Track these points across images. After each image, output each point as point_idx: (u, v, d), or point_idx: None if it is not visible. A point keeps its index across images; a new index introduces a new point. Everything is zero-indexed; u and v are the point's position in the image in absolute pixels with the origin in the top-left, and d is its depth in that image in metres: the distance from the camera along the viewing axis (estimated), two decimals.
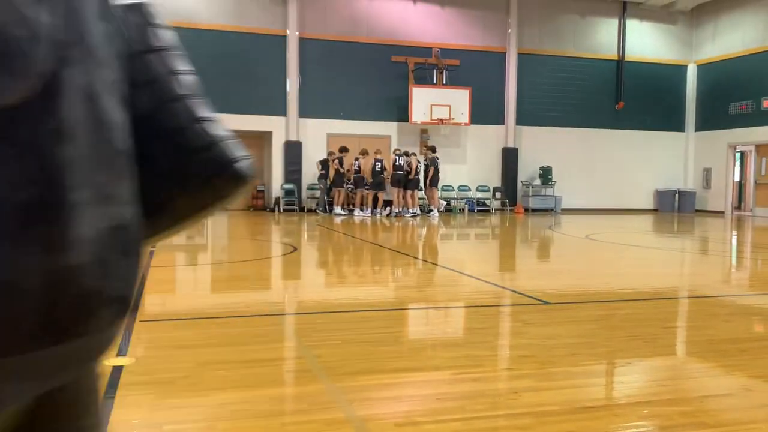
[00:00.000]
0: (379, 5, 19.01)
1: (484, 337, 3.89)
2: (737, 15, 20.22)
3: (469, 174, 19.97)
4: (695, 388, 2.97)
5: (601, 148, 21.11)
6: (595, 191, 21.06)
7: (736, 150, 21.13)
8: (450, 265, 7.49)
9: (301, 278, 6.54)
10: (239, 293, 5.46)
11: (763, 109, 19.35)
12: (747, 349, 3.65)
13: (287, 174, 18.45)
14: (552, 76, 20.54)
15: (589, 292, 5.52)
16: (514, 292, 5.61)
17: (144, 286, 5.51)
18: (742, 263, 8.54)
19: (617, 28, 21.08)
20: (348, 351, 3.44)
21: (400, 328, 4.28)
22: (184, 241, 10.42)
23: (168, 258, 7.88)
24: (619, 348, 3.63)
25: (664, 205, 21.49)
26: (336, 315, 4.49)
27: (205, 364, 3.16)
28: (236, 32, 17.94)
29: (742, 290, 6.04)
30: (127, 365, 3.10)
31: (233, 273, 6.75)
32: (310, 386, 2.90)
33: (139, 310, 4.45)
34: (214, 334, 3.85)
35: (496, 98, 20.03)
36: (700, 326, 4.31)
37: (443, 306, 4.98)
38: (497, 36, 20.01)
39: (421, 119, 18.77)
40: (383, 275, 6.74)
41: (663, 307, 4.98)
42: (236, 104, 18.04)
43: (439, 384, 2.96)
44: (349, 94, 18.80)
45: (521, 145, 20.38)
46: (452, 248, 10.01)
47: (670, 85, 21.78)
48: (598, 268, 7.38)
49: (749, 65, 19.78)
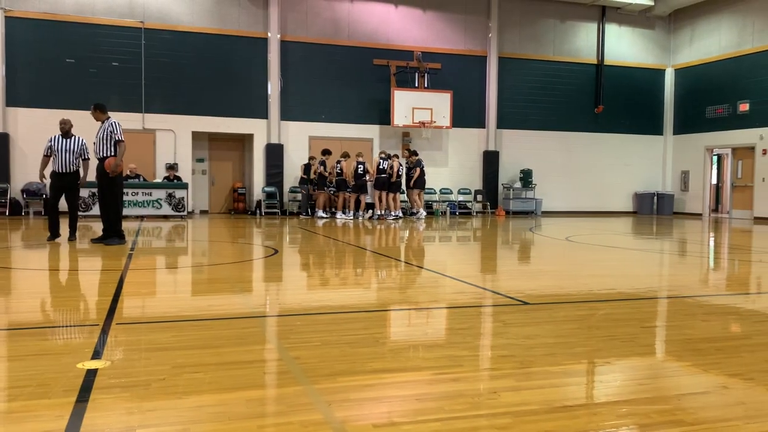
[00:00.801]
0: (360, 8, 19.02)
1: (464, 337, 3.89)
2: (714, 20, 20.53)
3: (450, 177, 20.05)
4: (673, 386, 2.99)
5: (581, 152, 21.30)
6: (574, 194, 21.25)
7: (713, 153, 21.43)
8: (431, 267, 7.49)
9: (281, 280, 6.50)
10: (218, 296, 5.40)
11: (739, 112, 19.65)
12: (723, 348, 3.68)
13: (269, 177, 18.38)
14: (532, 79, 20.71)
15: (568, 293, 5.54)
16: (495, 293, 5.62)
17: (121, 288, 5.44)
18: (719, 264, 8.64)
19: (596, 32, 21.30)
20: (327, 352, 3.42)
21: (381, 329, 4.26)
22: (164, 244, 10.31)
23: (146, 261, 7.79)
24: (598, 348, 3.64)
25: (643, 208, 21.73)
26: (316, 317, 4.46)
27: (181, 366, 3.12)
28: (217, 35, 17.84)
29: (718, 290, 6.11)
30: (101, 368, 3.04)
31: (212, 276, 6.68)
32: (288, 388, 2.87)
33: (115, 313, 4.39)
34: (192, 337, 3.80)
35: (477, 102, 20.14)
36: (678, 326, 4.34)
37: (424, 307, 4.97)
38: (478, 40, 20.11)
39: (403, 122, 18.80)
40: (364, 277, 6.71)
41: (641, 308, 5.02)
42: (218, 107, 17.96)
43: (418, 385, 2.95)
44: (331, 97, 18.78)
45: (502, 148, 20.50)
46: (434, 250, 10.02)
47: (648, 89, 22.05)
48: (578, 269, 7.42)
49: (726, 69, 20.09)
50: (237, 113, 18.13)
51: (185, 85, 17.65)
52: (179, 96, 17.61)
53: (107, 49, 16.95)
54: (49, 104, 16.17)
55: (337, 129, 18.91)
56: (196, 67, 17.73)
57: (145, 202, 15.67)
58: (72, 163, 9.29)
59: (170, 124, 17.61)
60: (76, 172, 9.38)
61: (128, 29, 17.11)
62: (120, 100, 16.61)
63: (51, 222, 9.45)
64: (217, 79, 17.88)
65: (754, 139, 19.17)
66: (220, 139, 18.77)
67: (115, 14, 17.03)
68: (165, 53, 17.44)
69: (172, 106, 17.58)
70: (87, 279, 6.42)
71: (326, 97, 18.77)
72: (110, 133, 8.88)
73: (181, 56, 17.62)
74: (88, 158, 9.51)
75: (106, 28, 16.93)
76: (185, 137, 17.79)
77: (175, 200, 15.91)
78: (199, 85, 17.77)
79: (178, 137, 17.71)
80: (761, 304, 5.36)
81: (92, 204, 14.84)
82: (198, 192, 18.62)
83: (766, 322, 4.46)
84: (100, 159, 8.93)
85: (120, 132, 8.94)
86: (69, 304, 5.03)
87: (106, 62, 16.95)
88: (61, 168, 9.24)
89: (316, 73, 18.67)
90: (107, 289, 5.44)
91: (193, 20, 17.67)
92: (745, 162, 19.87)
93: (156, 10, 17.36)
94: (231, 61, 18.01)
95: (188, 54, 17.67)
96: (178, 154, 17.72)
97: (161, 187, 16.00)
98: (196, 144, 18.19)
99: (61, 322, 4.30)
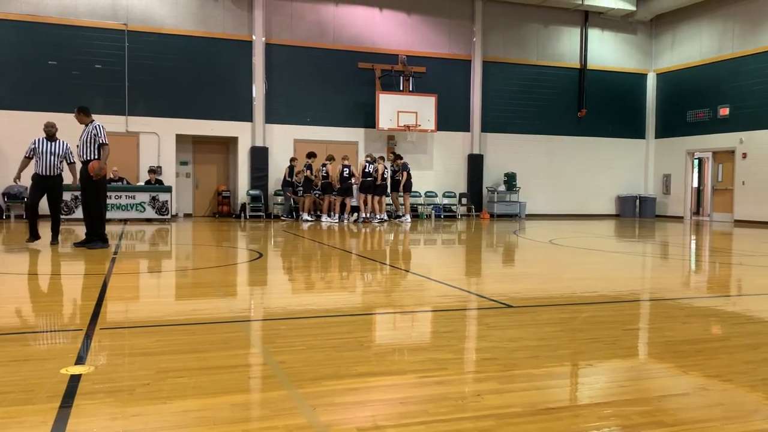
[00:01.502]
0: (345, 12, 19.04)
1: (448, 340, 3.91)
2: (695, 25, 20.80)
3: (435, 180, 20.12)
4: (654, 388, 3.03)
5: (564, 155, 21.47)
6: (558, 197, 21.41)
7: (695, 157, 21.69)
8: (416, 270, 7.51)
9: (266, 284, 6.49)
10: (202, 300, 5.39)
11: (719, 117, 19.92)
12: (703, 349, 3.74)
13: (253, 180, 18.33)
14: (516, 83, 20.85)
15: (551, 296, 5.59)
16: (479, 296, 5.66)
17: (105, 293, 5.40)
18: (699, 267, 8.76)
19: (579, 37, 21.50)
20: (312, 357, 3.42)
21: (366, 333, 4.27)
22: (147, 247, 10.25)
23: (130, 265, 7.75)
24: (580, 350, 3.68)
25: (625, 211, 21.94)
26: (301, 321, 4.46)
27: (165, 371, 3.11)
28: (202, 37, 17.79)
29: (699, 293, 6.19)
30: (85, 374, 3.03)
31: (197, 280, 6.66)
32: (273, 392, 2.87)
33: (99, 318, 4.36)
34: (176, 341, 3.79)
35: (461, 105, 20.24)
36: (659, 328, 4.40)
37: (409, 310, 4.99)
38: (462, 44, 20.22)
39: (388, 125, 18.84)
40: (350, 281, 6.72)
41: (623, 310, 5.07)
42: (202, 110, 17.89)
43: (403, 388, 2.96)
44: (316, 100, 18.78)
45: (486, 151, 20.61)
46: (419, 253, 10.05)
47: (630, 94, 22.29)
48: (561, 272, 7.48)
49: (706, 74, 20.36)
50: (221, 116, 18.07)
51: (169, 88, 17.56)
52: (163, 99, 17.51)
53: (90, 51, 16.83)
54: (31, 107, 16.02)
55: (323, 132, 18.92)
56: (180, 69, 17.65)
57: (128, 205, 15.55)
58: (56, 166, 9.25)
59: (154, 127, 17.51)
60: (59, 176, 9.34)
61: (111, 31, 17.00)
62: (103, 102, 16.49)
63: (31, 224, 9.39)
64: (201, 82, 17.81)
65: (734, 143, 19.44)
66: (204, 142, 18.68)
67: (98, 16, 16.92)
68: (149, 56, 17.34)
69: (156, 109, 17.48)
70: (70, 283, 6.37)
71: (311, 100, 18.76)
72: (94, 136, 8.82)
73: (165, 59, 17.53)
74: (74, 162, 9.46)
75: (89, 30, 16.81)
76: (169, 140, 17.70)
77: (159, 203, 15.81)
78: (183, 88, 17.69)
79: (161, 140, 17.61)
80: (741, 306, 5.44)
81: (75, 207, 14.71)
82: (182, 195, 18.52)
83: (745, 324, 4.54)
84: (83, 162, 8.87)
85: (104, 135, 8.88)
86: (52, 308, 4.99)
87: (89, 64, 16.82)
88: (45, 170, 9.19)
89: (301, 76, 18.66)
90: (90, 294, 5.41)
91: (177, 23, 17.60)
92: (725, 165, 20.13)
93: (139, 13, 17.27)
94: (215, 64, 17.95)
95: (172, 56, 17.59)
96: (161, 157, 17.62)
97: (145, 191, 15.89)
98: (180, 147, 18.10)
99: (44, 327, 4.27)
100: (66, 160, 9.39)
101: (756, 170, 18.79)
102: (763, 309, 5.18)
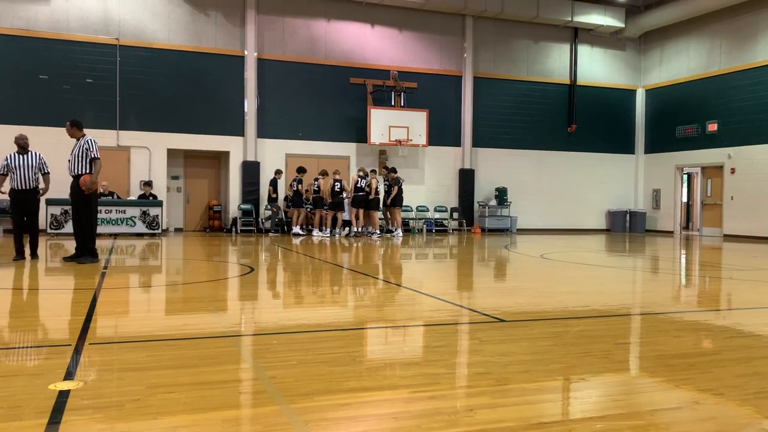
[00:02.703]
0: (337, 28, 19.15)
1: (441, 355, 3.90)
2: (683, 42, 21.06)
3: (427, 194, 20.16)
4: (646, 402, 3.03)
5: (555, 170, 21.59)
6: (549, 212, 21.49)
7: (684, 172, 21.87)
8: (408, 285, 7.50)
9: (257, 299, 6.46)
10: (193, 315, 5.35)
11: (708, 132, 20.11)
12: (695, 363, 3.74)
13: (245, 194, 18.31)
14: (506, 99, 21.00)
15: (543, 310, 5.59)
16: (471, 310, 5.65)
17: (94, 308, 5.36)
18: (690, 281, 8.80)
19: (569, 53, 21.70)
20: (304, 371, 3.40)
21: (358, 347, 4.25)
22: (138, 262, 10.19)
23: (120, 280, 7.69)
24: (573, 364, 3.68)
25: (615, 225, 22.04)
26: (292, 335, 4.44)
27: (155, 386, 3.08)
28: (194, 52, 17.82)
29: (690, 307, 6.21)
30: (74, 389, 2.99)
31: (187, 294, 6.62)
32: (264, 408, 2.85)
33: (88, 333, 4.32)
34: (166, 357, 3.75)
35: (452, 120, 20.35)
36: (651, 342, 4.41)
37: (401, 325, 4.98)
38: (453, 60, 20.36)
39: (380, 140, 18.90)
40: (341, 295, 6.70)
41: (615, 324, 5.08)
42: (193, 124, 17.88)
43: (395, 403, 2.95)
44: (308, 115, 18.83)
45: (477, 166, 20.69)
46: (411, 268, 10.04)
47: (620, 109, 22.49)
48: (553, 287, 7.49)
49: (694, 90, 20.59)
50: (213, 131, 18.06)
51: (161, 103, 17.56)
52: (154, 113, 17.50)
53: (82, 65, 16.82)
54: (21, 120, 15.93)
55: (314, 147, 18.95)
56: (171, 84, 17.66)
57: (118, 219, 15.48)
58: (31, 179, 9.21)
59: (145, 141, 17.47)
60: (35, 189, 9.29)
61: (103, 46, 17.01)
62: (94, 117, 16.45)
63: (16, 240, 9.32)
64: (193, 97, 17.83)
65: (723, 159, 19.62)
66: (195, 156, 18.66)
67: (90, 31, 16.93)
68: (140, 70, 17.35)
69: (148, 123, 17.47)
70: (59, 298, 6.31)
71: (303, 114, 18.81)
72: (86, 150, 8.78)
73: (157, 73, 17.55)
74: (48, 172, 9.42)
75: (80, 44, 16.81)
76: (160, 154, 17.66)
77: (150, 218, 15.74)
78: (174, 103, 17.70)
79: (153, 154, 17.57)
80: (731, 320, 5.46)
81: (64, 222, 14.62)
82: (173, 210, 18.45)
83: (736, 338, 4.55)
84: (74, 176, 8.82)
85: (96, 149, 8.85)
86: (41, 323, 4.94)
87: (80, 79, 16.80)
88: (21, 185, 9.15)
89: (293, 91, 18.71)
90: (80, 309, 5.36)
91: (169, 37, 17.63)
92: (714, 181, 20.30)
93: (131, 27, 17.30)
94: (207, 79, 17.98)
95: (164, 71, 17.61)
96: (152, 171, 17.57)
97: (135, 205, 15.83)
98: (172, 161, 18.07)
99: (32, 343, 4.22)
100: (41, 171, 9.34)
101: (744, 185, 18.95)
102: (753, 323, 5.20)
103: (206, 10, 17.95)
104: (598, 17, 21.14)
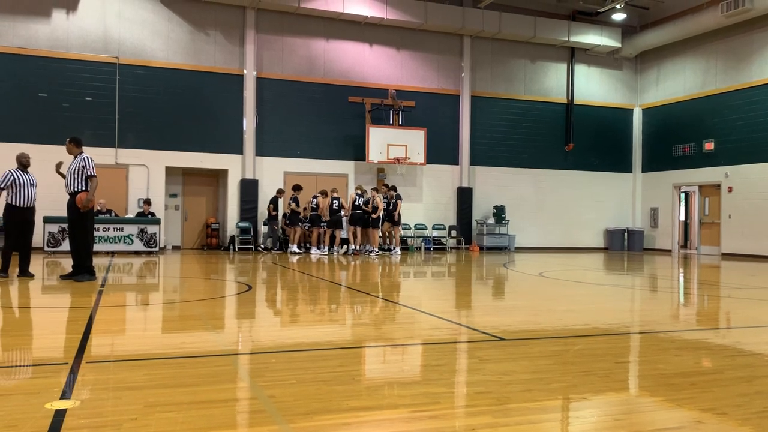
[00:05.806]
0: (335, 47, 19.29)
1: (440, 374, 3.87)
2: (679, 62, 21.23)
3: (425, 212, 20.18)
4: (648, 421, 3.00)
5: (553, 188, 21.64)
6: (547, 230, 21.51)
7: (681, 190, 21.93)
8: (407, 303, 7.47)
9: (255, 317, 6.42)
10: (191, 333, 5.32)
11: (704, 151, 20.21)
12: (696, 382, 3.72)
13: (243, 212, 18.31)
14: (504, 118, 21.11)
15: (543, 328, 5.57)
16: (471, 328, 5.62)
17: (91, 326, 5.32)
18: (689, 300, 8.77)
19: (566, 72, 21.86)
20: (303, 390, 3.37)
21: (357, 366, 4.22)
22: (135, 280, 10.15)
23: (117, 298, 7.65)
24: (573, 383, 3.65)
25: (613, 244, 22.05)
26: (291, 354, 4.41)
27: (153, 405, 3.05)
28: (193, 71, 17.92)
29: (690, 326, 6.19)
30: (70, 408, 2.96)
31: (185, 313, 6.58)
32: (263, 427, 2.82)
33: (85, 351, 4.29)
34: (164, 375, 3.72)
35: (450, 139, 20.43)
36: (652, 361, 4.38)
37: (400, 344, 4.94)
38: (451, 79, 20.49)
39: (378, 158, 18.95)
40: (340, 313, 6.67)
41: (615, 343, 5.06)
42: (192, 142, 17.93)
43: (395, 422, 2.92)
44: (306, 133, 18.90)
45: (475, 184, 20.74)
46: (409, 286, 10.01)
47: (617, 128, 22.61)
48: (552, 305, 7.47)
49: (690, 109, 20.72)
50: (212, 149, 18.11)
51: (159, 121, 17.62)
52: (153, 131, 17.55)
53: (81, 83, 16.89)
54: (21, 138, 15.97)
55: (313, 165, 18.99)
56: (170, 102, 17.73)
57: (116, 237, 15.44)
58: (34, 197, 9.32)
59: (143, 159, 17.50)
60: (34, 207, 9.41)
61: (102, 64, 17.09)
62: (93, 134, 16.49)
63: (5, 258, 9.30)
64: (191, 115, 17.89)
65: (720, 177, 19.69)
66: (194, 174, 18.67)
67: (89, 49, 17.02)
68: (139, 88, 17.43)
69: (146, 141, 17.51)
70: (56, 316, 6.27)
71: (302, 133, 18.87)
72: (82, 167, 8.78)
73: (156, 92, 17.62)
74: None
75: (80, 63, 16.89)
76: (158, 172, 17.68)
77: (147, 236, 15.70)
78: (173, 121, 17.75)
79: (151, 172, 17.59)
80: (731, 338, 5.44)
81: (62, 239, 14.58)
82: (170, 227, 18.42)
83: (737, 357, 4.53)
84: (71, 194, 8.81)
85: (92, 167, 8.85)
86: (37, 342, 4.90)
87: (79, 97, 16.86)
88: (25, 202, 9.21)
89: (292, 109, 18.79)
90: (77, 327, 5.32)
91: (168, 56, 17.73)
92: (711, 199, 20.35)
93: (131, 46, 17.40)
94: (206, 97, 18.05)
95: (163, 89, 17.69)
96: (151, 189, 17.57)
97: (133, 223, 15.80)
98: (170, 179, 18.08)
99: (28, 361, 4.18)
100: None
101: (742, 204, 19.00)
102: (753, 341, 5.18)
103: (206, 29, 18.07)
104: (595, 37, 21.33)
